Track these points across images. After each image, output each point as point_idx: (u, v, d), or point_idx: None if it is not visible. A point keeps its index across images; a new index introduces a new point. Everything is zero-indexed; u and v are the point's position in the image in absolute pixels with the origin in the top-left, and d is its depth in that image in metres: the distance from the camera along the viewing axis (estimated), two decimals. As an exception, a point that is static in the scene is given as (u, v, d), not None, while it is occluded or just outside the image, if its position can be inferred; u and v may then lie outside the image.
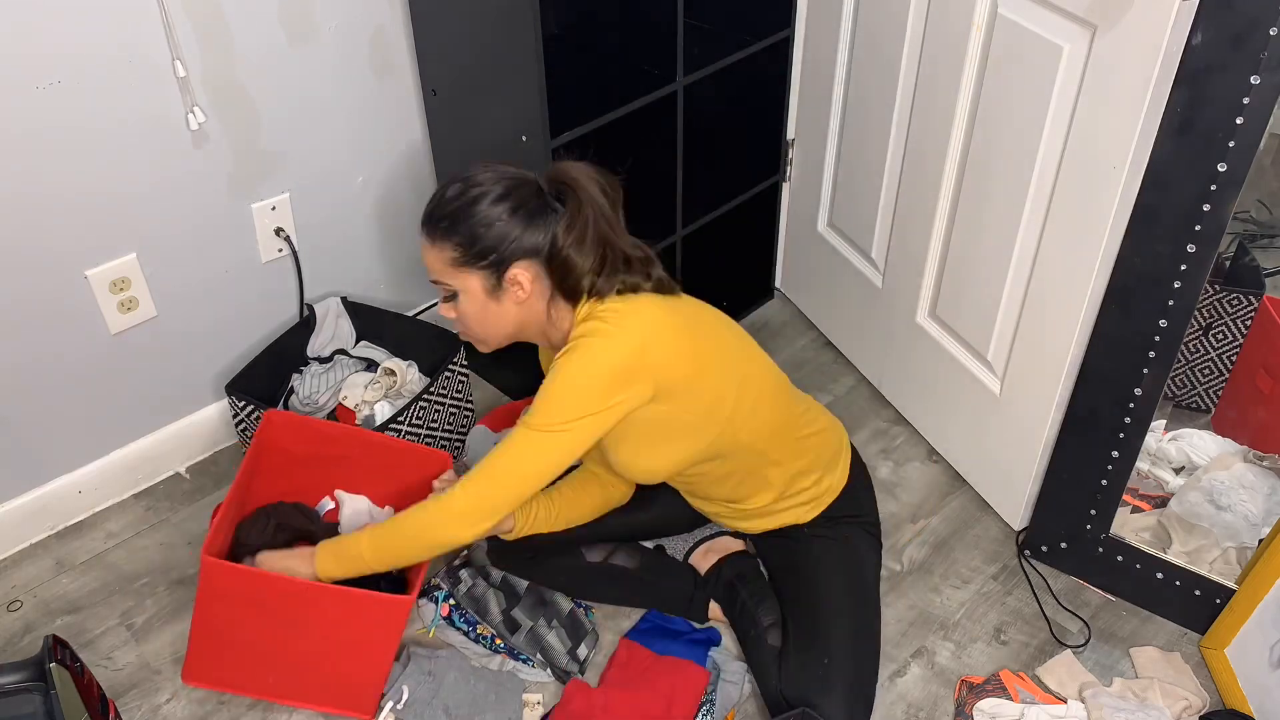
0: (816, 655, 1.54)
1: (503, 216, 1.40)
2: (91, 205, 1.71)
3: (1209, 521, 1.82)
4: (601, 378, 1.40)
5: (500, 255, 1.41)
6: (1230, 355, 2.02)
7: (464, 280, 1.43)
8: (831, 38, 2.02)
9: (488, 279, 1.43)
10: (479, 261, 1.41)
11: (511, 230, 1.40)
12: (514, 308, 1.46)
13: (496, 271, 1.42)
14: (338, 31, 1.86)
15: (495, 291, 1.44)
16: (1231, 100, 1.35)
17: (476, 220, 1.40)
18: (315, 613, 1.52)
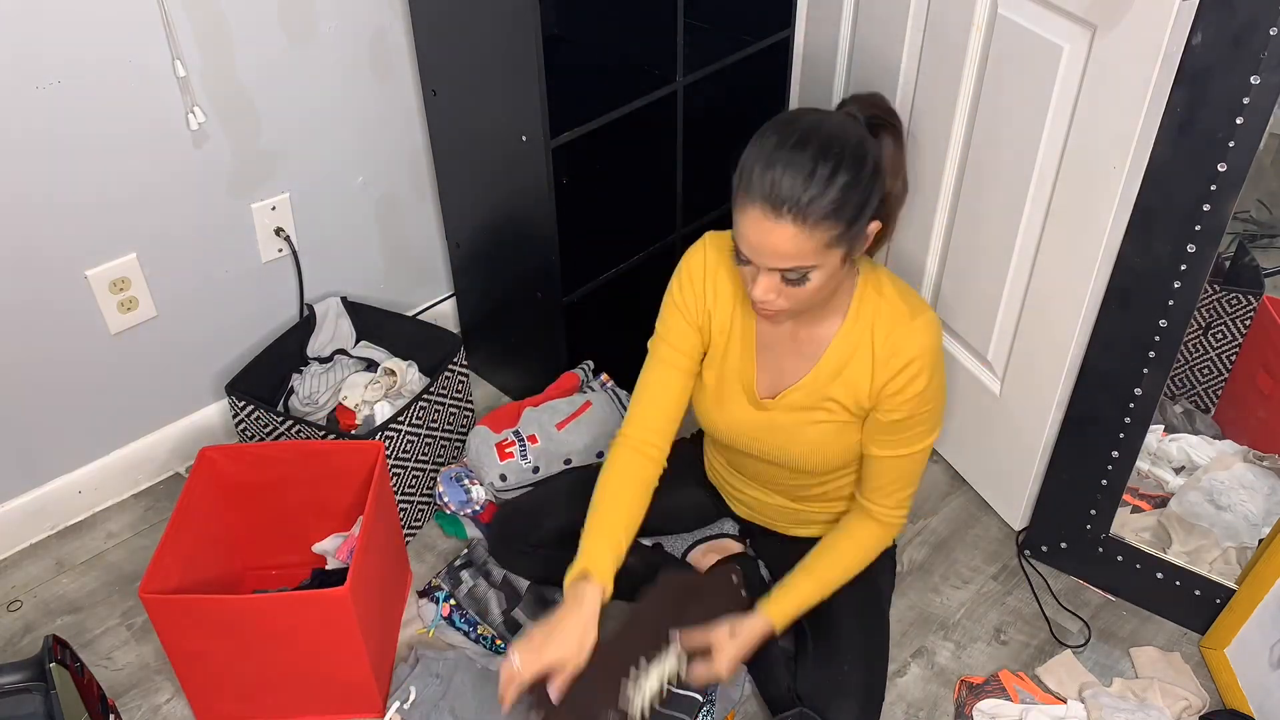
0: (835, 661, 1.53)
1: (869, 177, 1.27)
2: (91, 205, 1.71)
3: (1209, 521, 1.82)
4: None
5: (867, 219, 1.30)
6: (1230, 355, 2.02)
7: (829, 257, 1.28)
8: (831, 38, 2.02)
9: (849, 246, 1.30)
10: (855, 233, 1.29)
11: (877, 188, 1.30)
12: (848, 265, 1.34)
13: (860, 236, 1.31)
14: (338, 32, 1.86)
15: (848, 257, 1.32)
16: (1231, 100, 1.35)
17: (858, 191, 1.26)
18: (266, 626, 1.49)
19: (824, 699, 1.50)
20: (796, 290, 1.31)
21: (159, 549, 1.50)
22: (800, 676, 1.55)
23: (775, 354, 1.51)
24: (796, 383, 1.48)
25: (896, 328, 1.41)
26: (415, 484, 1.89)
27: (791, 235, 1.24)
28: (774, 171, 1.23)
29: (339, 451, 1.72)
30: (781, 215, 1.23)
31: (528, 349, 2.14)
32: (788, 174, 1.23)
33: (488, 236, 2.04)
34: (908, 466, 1.50)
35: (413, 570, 1.87)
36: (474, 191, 2.00)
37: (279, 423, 1.82)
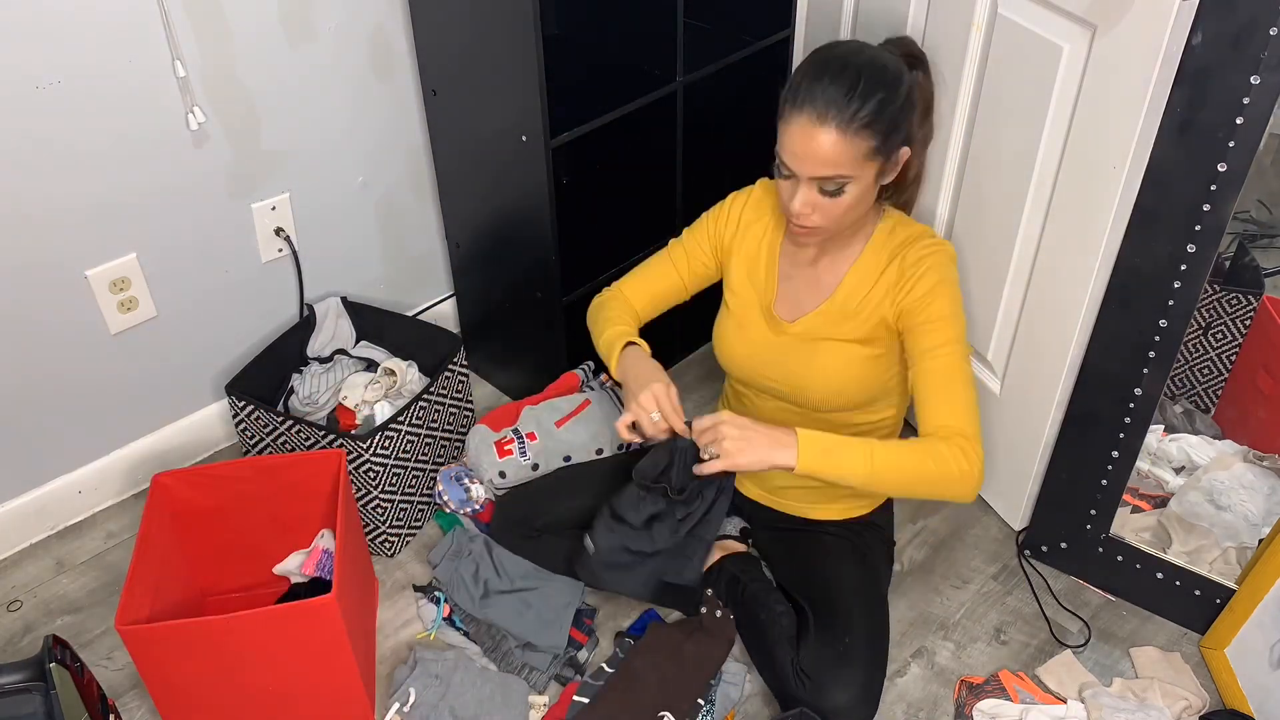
0: (837, 632, 1.55)
1: (904, 100, 1.40)
2: (91, 205, 1.71)
3: (1209, 521, 1.82)
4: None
5: (903, 138, 1.41)
6: (1230, 355, 2.02)
7: (866, 170, 1.39)
8: (831, 38, 2.02)
9: (883, 164, 1.41)
10: (890, 148, 1.40)
11: (914, 113, 1.42)
12: (875, 191, 1.45)
13: (894, 156, 1.42)
14: (338, 31, 1.86)
15: (881, 177, 1.42)
16: (1231, 100, 1.35)
17: (897, 106, 1.38)
18: (253, 644, 1.47)
19: (828, 672, 1.51)
20: (832, 204, 1.41)
21: (128, 580, 1.46)
22: (803, 650, 1.56)
23: (795, 284, 1.59)
24: (816, 308, 1.56)
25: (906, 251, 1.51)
26: (415, 484, 1.89)
27: (834, 141, 1.35)
28: (821, 84, 1.36)
29: (297, 464, 1.69)
30: (826, 121, 1.35)
31: (528, 349, 2.14)
32: (833, 86, 1.35)
33: (488, 236, 2.04)
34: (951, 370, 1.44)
35: (414, 570, 1.87)
36: (474, 191, 2.00)
37: (279, 423, 1.82)
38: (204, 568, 1.74)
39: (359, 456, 1.75)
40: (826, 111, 1.35)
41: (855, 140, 1.36)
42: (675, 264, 1.70)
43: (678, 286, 1.71)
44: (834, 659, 1.52)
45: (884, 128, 1.37)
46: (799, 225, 1.45)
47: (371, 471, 1.77)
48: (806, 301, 1.59)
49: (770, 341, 1.61)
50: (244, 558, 1.74)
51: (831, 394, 1.57)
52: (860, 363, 1.55)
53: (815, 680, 1.51)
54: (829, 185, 1.39)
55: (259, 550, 1.73)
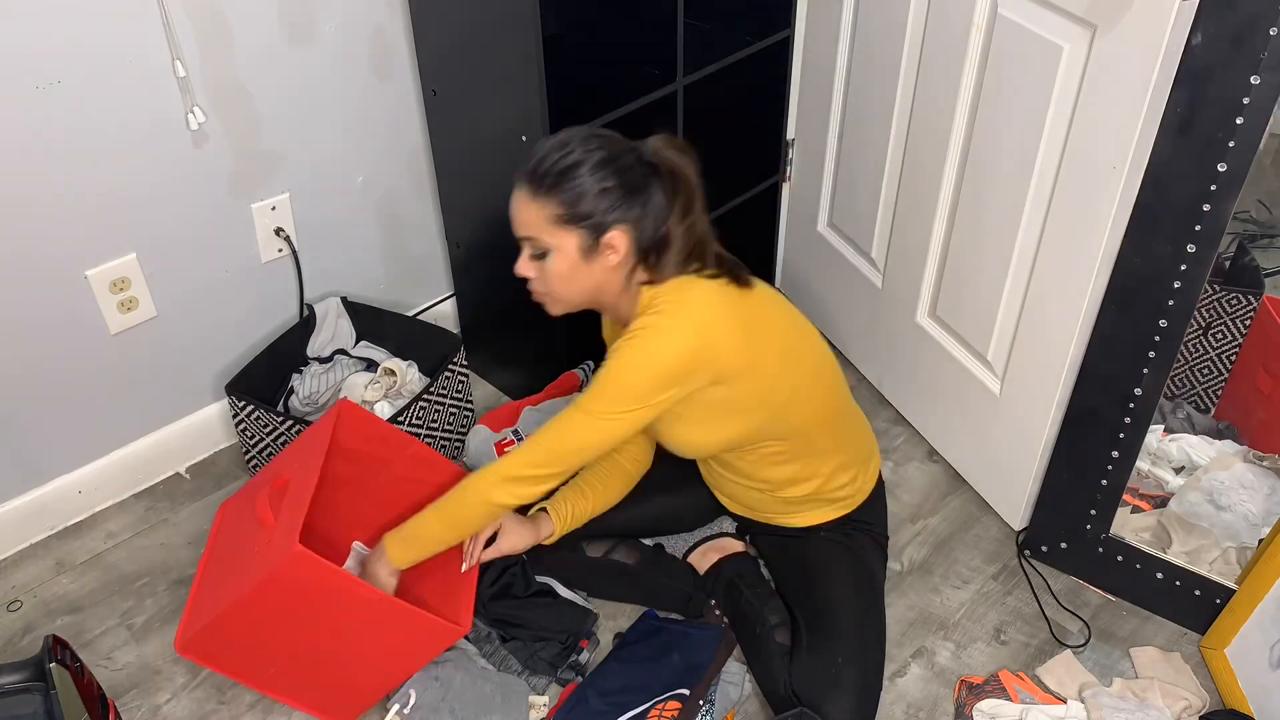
0: (829, 655, 1.54)
1: (609, 180, 1.41)
2: (91, 205, 1.71)
3: (1209, 521, 1.82)
4: (657, 372, 1.43)
5: (603, 218, 1.41)
6: (1230, 355, 2.02)
7: (561, 238, 1.43)
8: (831, 38, 2.02)
9: (585, 239, 1.42)
10: (582, 221, 1.41)
11: (615, 196, 1.41)
12: (601, 272, 1.46)
13: (595, 233, 1.42)
14: (338, 31, 1.86)
15: (589, 253, 1.44)
16: (1231, 100, 1.35)
17: (585, 180, 1.40)
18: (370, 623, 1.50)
19: (819, 691, 1.51)
20: (543, 269, 1.46)
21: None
22: (796, 669, 1.56)
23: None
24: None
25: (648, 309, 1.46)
26: (415, 484, 1.89)
27: (525, 203, 1.42)
28: (537, 151, 1.43)
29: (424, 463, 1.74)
30: (522, 185, 1.42)
31: (528, 349, 2.14)
32: (541, 152, 1.42)
33: (488, 236, 2.04)
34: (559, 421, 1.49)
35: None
36: (474, 191, 2.00)
37: (279, 423, 1.82)
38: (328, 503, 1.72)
39: (359, 456, 1.75)
40: (525, 175, 1.42)
41: (543, 204, 1.41)
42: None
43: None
44: (826, 683, 1.52)
45: (578, 200, 1.39)
46: (532, 290, 1.51)
47: (371, 471, 1.77)
48: None
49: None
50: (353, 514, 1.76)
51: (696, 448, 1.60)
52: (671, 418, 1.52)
53: (807, 701, 1.51)
54: (534, 249, 1.45)
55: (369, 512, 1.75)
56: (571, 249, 1.43)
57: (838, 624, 1.57)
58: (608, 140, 1.44)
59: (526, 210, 1.43)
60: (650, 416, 1.45)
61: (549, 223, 1.42)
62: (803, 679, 1.54)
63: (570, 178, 1.40)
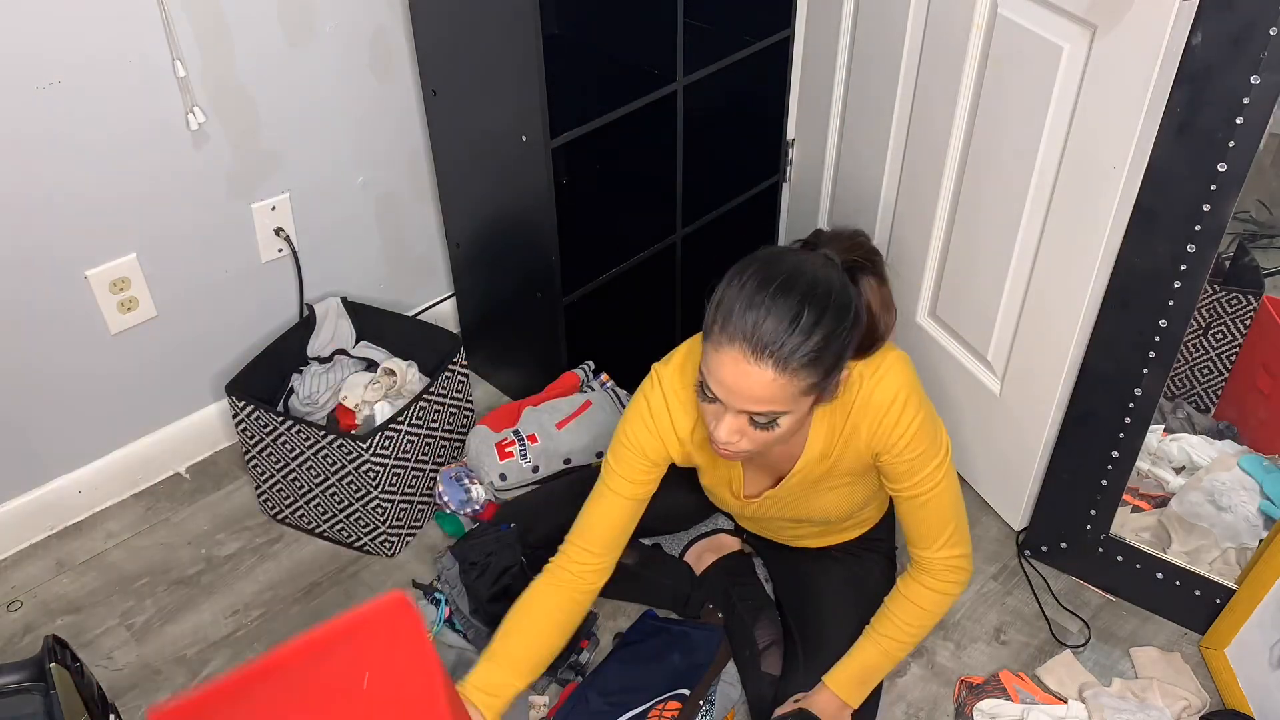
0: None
1: (848, 326, 1.25)
2: (91, 205, 1.71)
3: (1209, 522, 1.82)
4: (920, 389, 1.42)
5: (843, 364, 1.28)
6: (1230, 355, 2.02)
7: (802, 403, 1.25)
8: (831, 38, 2.02)
9: (823, 391, 1.27)
10: (831, 380, 1.27)
11: (853, 337, 1.27)
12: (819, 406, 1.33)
13: (835, 381, 1.28)
14: (338, 32, 1.86)
15: (820, 401, 1.29)
16: (1231, 100, 1.35)
17: (834, 339, 1.23)
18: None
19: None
20: (762, 434, 1.28)
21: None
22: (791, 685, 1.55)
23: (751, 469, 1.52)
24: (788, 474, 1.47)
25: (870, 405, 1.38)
26: (415, 484, 1.89)
27: (770, 380, 1.21)
28: (757, 313, 1.20)
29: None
30: (762, 359, 1.20)
31: (528, 349, 2.14)
32: (771, 318, 1.20)
33: (488, 236, 2.04)
34: (936, 501, 1.45)
35: (413, 569, 1.87)
36: (474, 191, 2.00)
37: (279, 423, 1.82)
38: None
39: (359, 456, 1.75)
40: (764, 349, 1.19)
41: (794, 380, 1.21)
42: (619, 494, 1.48)
43: (635, 512, 1.50)
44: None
45: (827, 364, 1.23)
46: (723, 451, 1.31)
47: (371, 471, 1.77)
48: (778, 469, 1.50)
49: (755, 508, 1.57)
50: None
51: (842, 513, 1.57)
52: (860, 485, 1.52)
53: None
54: (760, 418, 1.25)
55: None
56: (807, 406, 1.27)
57: (839, 648, 1.56)
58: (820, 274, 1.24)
59: (768, 388, 1.21)
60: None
61: (798, 394, 1.23)
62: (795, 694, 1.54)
63: (820, 346, 1.21)
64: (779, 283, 1.21)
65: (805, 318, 1.20)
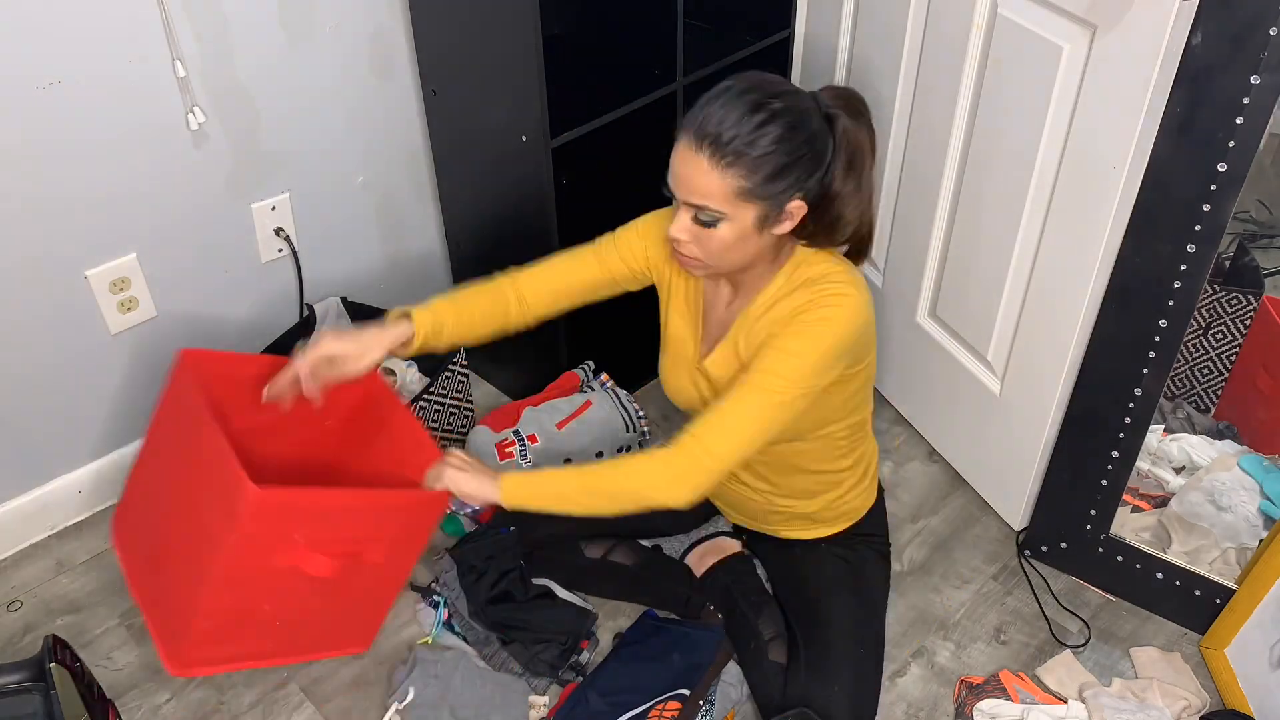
0: (826, 674, 1.53)
1: (800, 149, 1.28)
2: (91, 205, 1.71)
3: (1209, 522, 1.82)
4: (839, 346, 1.35)
5: (787, 189, 1.29)
6: (1230, 355, 2.02)
7: (739, 210, 1.29)
8: (831, 38, 2.02)
9: (764, 210, 1.30)
10: (767, 195, 1.28)
11: (805, 166, 1.29)
12: (770, 239, 1.35)
13: (777, 205, 1.30)
14: (338, 31, 1.86)
15: (763, 223, 1.31)
16: (1231, 100, 1.35)
17: (777, 153, 1.26)
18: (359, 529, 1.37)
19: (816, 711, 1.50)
20: (707, 236, 1.32)
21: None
22: (791, 686, 1.55)
23: (710, 324, 1.53)
24: (716, 348, 1.49)
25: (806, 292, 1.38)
26: (415, 484, 1.89)
27: (705, 170, 1.27)
28: (711, 106, 1.28)
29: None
30: (701, 148, 1.27)
31: (528, 349, 2.13)
32: (720, 111, 1.27)
33: (488, 236, 2.04)
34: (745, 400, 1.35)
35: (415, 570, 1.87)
36: (474, 191, 2.00)
37: (279, 423, 1.81)
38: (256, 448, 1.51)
39: (359, 456, 1.75)
40: (704, 138, 1.27)
41: (726, 175, 1.26)
42: (596, 254, 1.55)
43: (593, 279, 1.55)
44: (822, 703, 1.51)
45: (764, 172, 1.27)
46: (678, 252, 1.37)
47: (371, 471, 1.76)
48: (715, 338, 1.51)
49: (699, 381, 1.55)
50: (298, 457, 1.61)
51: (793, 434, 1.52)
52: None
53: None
54: (703, 215, 1.30)
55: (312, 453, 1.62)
56: (748, 220, 1.30)
57: (837, 643, 1.56)
58: (792, 96, 1.30)
59: (705, 178, 1.27)
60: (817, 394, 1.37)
61: (731, 195, 1.28)
62: (799, 696, 1.53)
63: (760, 148, 1.26)
64: (745, 86, 1.29)
65: (752, 119, 1.26)
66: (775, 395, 1.34)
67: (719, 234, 1.31)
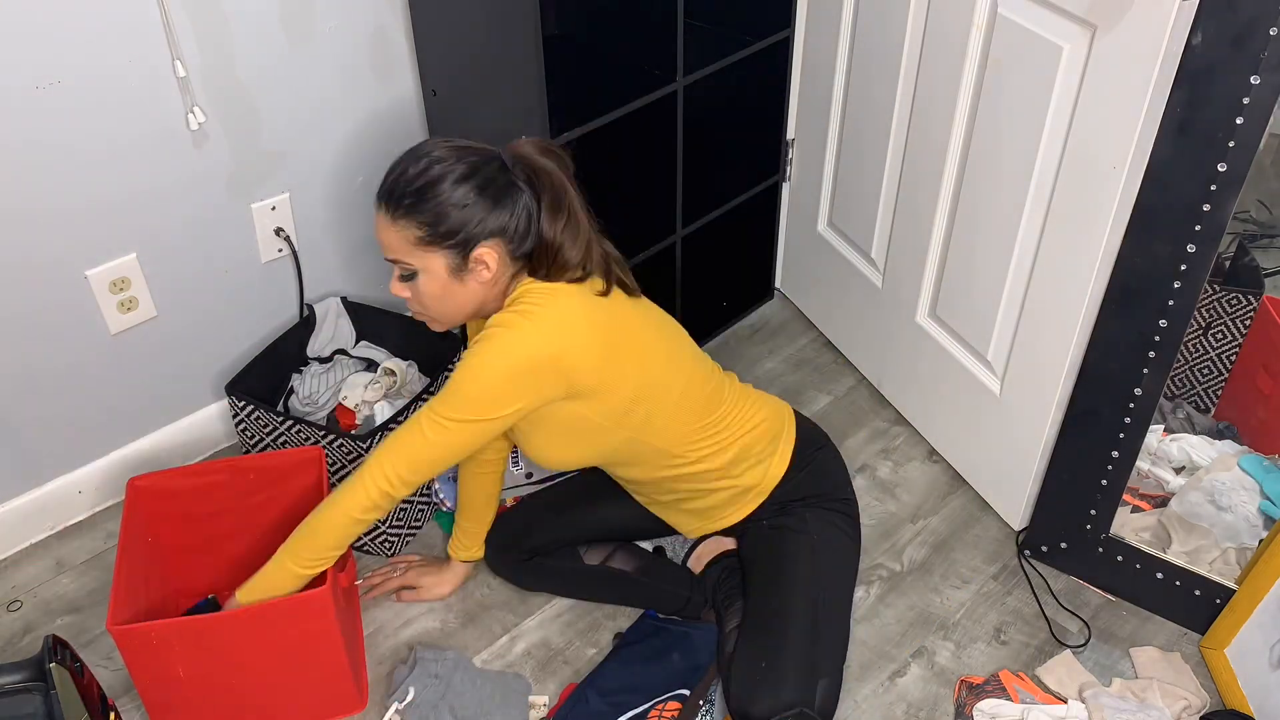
0: (755, 653, 1.51)
1: (470, 195, 1.35)
2: (91, 205, 1.71)
3: (1209, 522, 1.82)
4: (505, 376, 1.37)
5: (467, 235, 1.36)
6: (1230, 355, 2.02)
7: (427, 260, 1.38)
8: (831, 38, 2.02)
9: (452, 259, 1.38)
10: (445, 241, 1.36)
11: (479, 210, 1.36)
12: (477, 287, 1.41)
13: (462, 252, 1.37)
14: (338, 32, 1.86)
15: (459, 272, 1.39)
16: (1231, 100, 1.35)
17: (443, 199, 1.35)
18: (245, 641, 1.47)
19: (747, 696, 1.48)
20: (416, 290, 1.41)
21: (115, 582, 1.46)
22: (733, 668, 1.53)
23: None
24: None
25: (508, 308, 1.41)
26: (415, 484, 1.89)
27: (385, 226, 1.38)
28: (394, 168, 1.40)
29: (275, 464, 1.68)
30: (382, 206, 1.38)
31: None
32: (397, 170, 1.39)
33: (488, 236, 2.04)
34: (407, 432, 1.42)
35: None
36: (474, 191, 2.00)
37: (279, 423, 1.82)
38: (186, 569, 1.73)
39: (359, 456, 1.75)
40: (382, 196, 1.38)
41: (401, 228, 1.36)
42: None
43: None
44: (754, 682, 1.49)
45: (435, 222, 1.35)
46: (409, 309, 1.47)
47: (371, 471, 1.77)
48: None
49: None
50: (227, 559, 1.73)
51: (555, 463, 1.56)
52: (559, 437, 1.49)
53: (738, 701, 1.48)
54: (402, 270, 1.40)
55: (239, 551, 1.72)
56: (440, 269, 1.38)
57: (770, 622, 1.54)
58: (466, 150, 1.38)
59: (387, 233, 1.38)
60: (500, 427, 1.40)
61: (412, 245, 1.37)
62: (736, 681, 1.51)
63: (428, 197, 1.35)
64: (421, 150, 1.39)
65: (421, 173, 1.36)
66: (441, 419, 1.39)
67: (422, 286, 1.41)
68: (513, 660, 1.73)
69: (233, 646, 1.47)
